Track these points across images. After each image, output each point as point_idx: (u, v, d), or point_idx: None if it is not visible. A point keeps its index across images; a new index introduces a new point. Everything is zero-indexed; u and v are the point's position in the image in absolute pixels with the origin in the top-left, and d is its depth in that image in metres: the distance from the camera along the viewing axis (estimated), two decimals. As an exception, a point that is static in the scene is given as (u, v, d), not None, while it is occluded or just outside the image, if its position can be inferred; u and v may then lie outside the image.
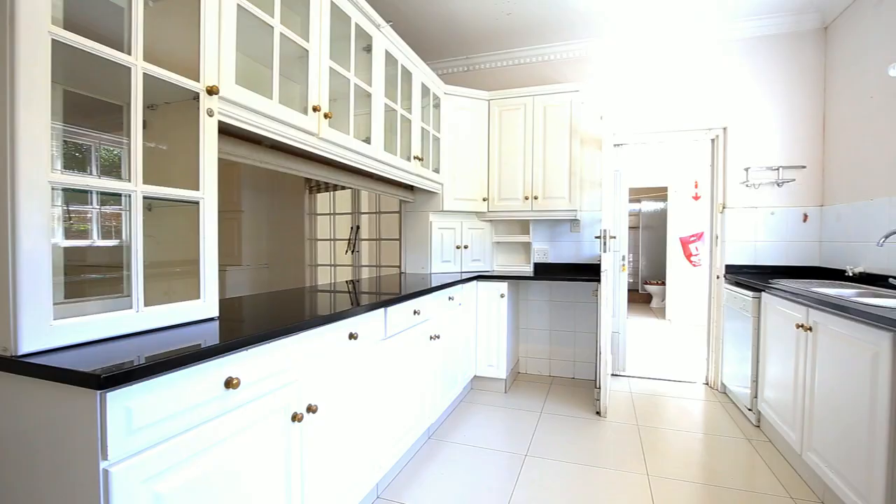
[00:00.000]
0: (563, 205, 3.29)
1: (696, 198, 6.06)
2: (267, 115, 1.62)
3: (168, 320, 1.23)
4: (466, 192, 3.41)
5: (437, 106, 3.25)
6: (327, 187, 4.18)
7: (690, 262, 6.05)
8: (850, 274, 2.66)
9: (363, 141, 2.26)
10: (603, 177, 2.85)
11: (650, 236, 8.16)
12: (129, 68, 1.13)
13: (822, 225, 3.11)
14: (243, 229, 4.33)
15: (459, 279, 2.93)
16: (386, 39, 2.44)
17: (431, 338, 2.41)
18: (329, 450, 1.54)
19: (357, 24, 2.16)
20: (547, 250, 3.65)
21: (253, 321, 1.53)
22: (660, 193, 7.46)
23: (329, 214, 4.27)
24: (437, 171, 3.22)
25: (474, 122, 3.43)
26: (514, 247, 3.71)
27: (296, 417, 1.35)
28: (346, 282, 2.99)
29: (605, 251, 2.70)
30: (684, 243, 6.14)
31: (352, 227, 4.11)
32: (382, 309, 1.89)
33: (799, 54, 3.16)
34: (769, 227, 3.22)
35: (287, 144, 1.82)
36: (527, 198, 3.36)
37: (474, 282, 3.18)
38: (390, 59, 2.52)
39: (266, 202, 4.52)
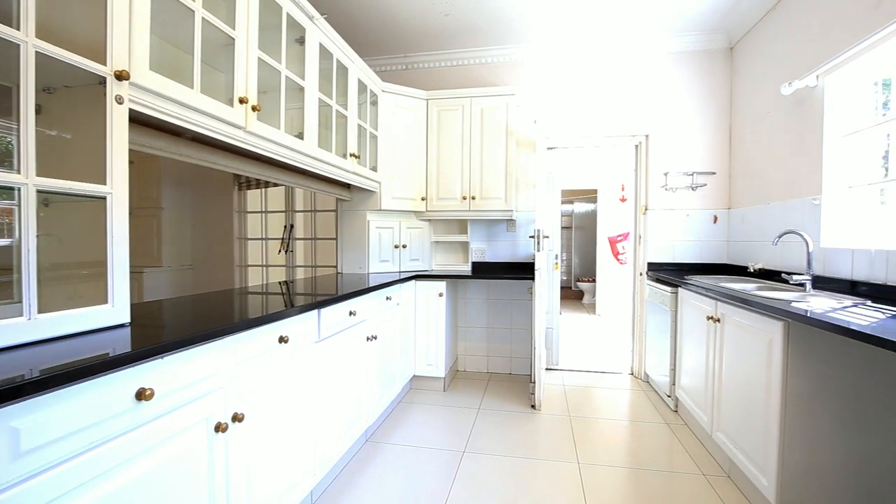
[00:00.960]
0: (499, 205, 3.37)
1: (623, 200, 6.46)
2: (187, 105, 1.51)
3: (70, 328, 1.11)
4: (405, 192, 3.39)
5: (374, 103, 3.20)
6: (258, 184, 3.99)
7: (618, 260, 6.44)
8: (752, 270, 2.96)
9: (295, 136, 2.18)
10: (537, 178, 2.95)
11: (582, 236, 8.59)
12: (19, 45, 1.00)
13: (729, 226, 3.44)
14: (164, 228, 4.02)
15: (398, 279, 2.91)
16: (320, 32, 2.36)
17: (368, 339, 2.37)
18: (258, 459, 1.46)
19: (289, 14, 2.08)
20: (484, 249, 3.73)
21: (172, 327, 1.42)
22: (590, 195, 7.88)
23: (260, 212, 4.08)
24: (374, 169, 3.17)
25: (413, 121, 3.42)
26: (452, 246, 3.74)
27: (220, 427, 1.26)
28: (279, 283, 2.87)
29: (538, 250, 2.80)
30: (612, 242, 6.52)
31: (285, 226, 3.94)
32: (316, 310, 1.83)
33: (711, 70, 3.47)
34: (685, 227, 3.50)
35: (211, 138, 1.70)
36: (465, 198, 3.41)
37: (413, 281, 3.17)
38: (325, 53, 2.45)
39: (190, 198, 4.22)
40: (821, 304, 1.76)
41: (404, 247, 3.50)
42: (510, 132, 3.39)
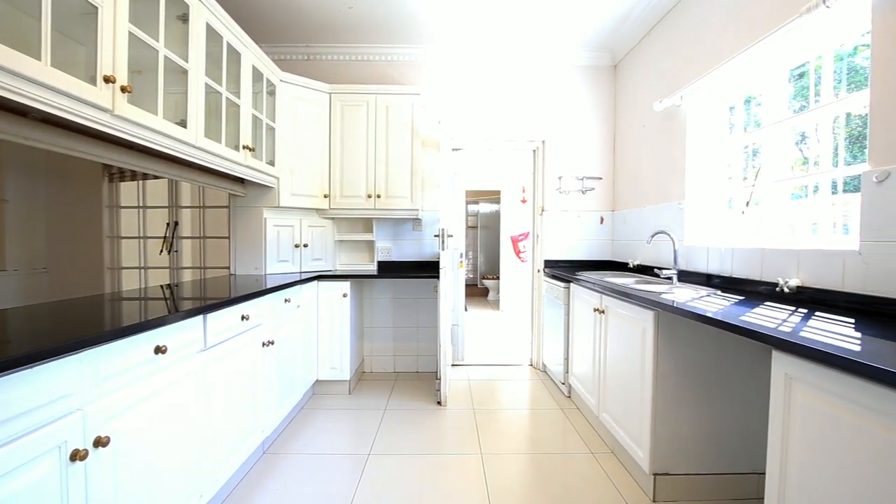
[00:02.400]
0: (405, 204, 3.37)
1: (524, 201, 6.83)
2: (34, 80, 1.28)
3: None
4: (306, 188, 3.23)
5: (272, 93, 3.01)
6: (134, 176, 3.53)
7: (519, 258, 6.81)
8: (632, 266, 3.31)
9: (177, 124, 1.96)
10: (441, 178, 3.00)
11: (487, 235, 8.93)
12: None
13: (613, 226, 3.80)
14: (7, 224, 3.38)
15: (298, 280, 2.77)
16: (207, 11, 2.15)
17: (264, 344, 2.22)
18: (129, 486, 1.29)
19: (167, -13, 1.86)
20: (390, 248, 3.70)
21: (16, 341, 1.19)
22: (494, 196, 8.22)
23: (137, 207, 3.61)
24: (271, 163, 2.98)
25: (315, 114, 3.28)
26: (357, 245, 3.66)
27: (77, 455, 1.09)
28: (161, 286, 2.56)
29: (443, 249, 2.85)
30: (514, 241, 6.87)
31: (168, 223, 3.54)
32: (201, 316, 1.67)
33: (599, 84, 3.80)
34: (577, 227, 3.80)
35: (68, 120, 1.46)
36: (370, 196, 3.35)
37: (315, 282, 3.04)
38: (213, 35, 2.24)
39: (43, 190, 3.60)
40: (683, 295, 2.02)
41: (305, 246, 3.34)
42: (416, 131, 3.40)
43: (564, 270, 3.44)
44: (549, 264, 3.76)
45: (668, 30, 2.95)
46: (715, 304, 1.76)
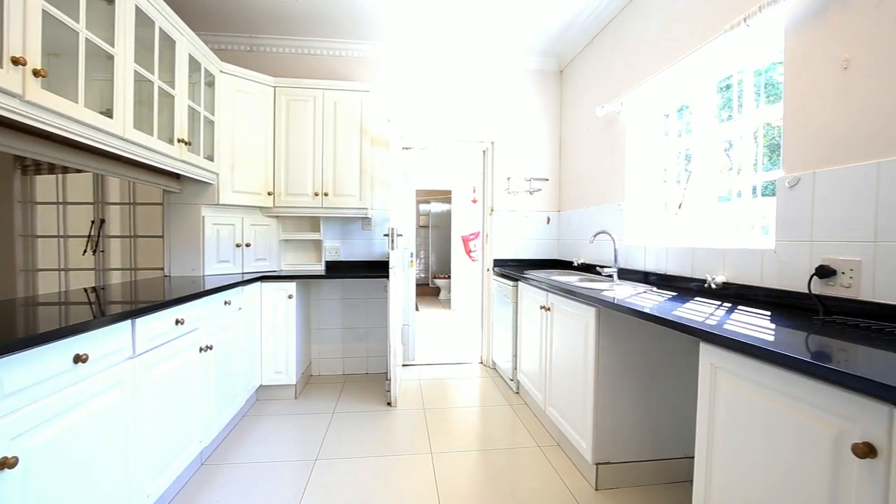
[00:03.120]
0: (354, 203, 3.30)
1: (475, 201, 6.92)
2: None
3: None
4: (248, 185, 3.09)
5: (210, 84, 2.85)
6: (53, 168, 3.22)
7: (470, 257, 6.88)
8: (576, 264, 3.43)
9: (102, 113, 1.80)
10: (391, 177, 2.97)
11: (438, 235, 8.96)
12: None
13: (559, 226, 3.93)
14: None
15: (240, 280, 2.64)
16: (135, -8, 2.00)
17: (202, 349, 2.10)
18: (42, 512, 1.17)
19: (88, -36, 1.71)
20: (339, 248, 3.62)
21: None
22: (445, 196, 8.26)
23: (57, 203, 3.30)
24: (210, 158, 2.82)
25: (258, 108, 3.14)
26: (304, 245, 3.55)
27: (-23, 480, 0.98)
28: (85, 290, 2.35)
29: (393, 248, 2.82)
30: (465, 241, 6.94)
31: (93, 221, 3.27)
32: (129, 321, 1.55)
33: (547, 88, 3.91)
34: (525, 227, 3.89)
35: (-35, 104, 1.31)
36: (317, 194, 3.25)
37: (258, 283, 2.91)
38: (143, 19, 2.08)
39: (-58, 184, 3.21)
40: (623, 292, 2.11)
41: (248, 245, 3.20)
42: (365, 129, 3.34)
43: (513, 269, 3.51)
44: (499, 263, 3.83)
45: (609, 39, 3.08)
46: (651, 300, 1.86)
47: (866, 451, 0.82)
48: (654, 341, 2.01)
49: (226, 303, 2.42)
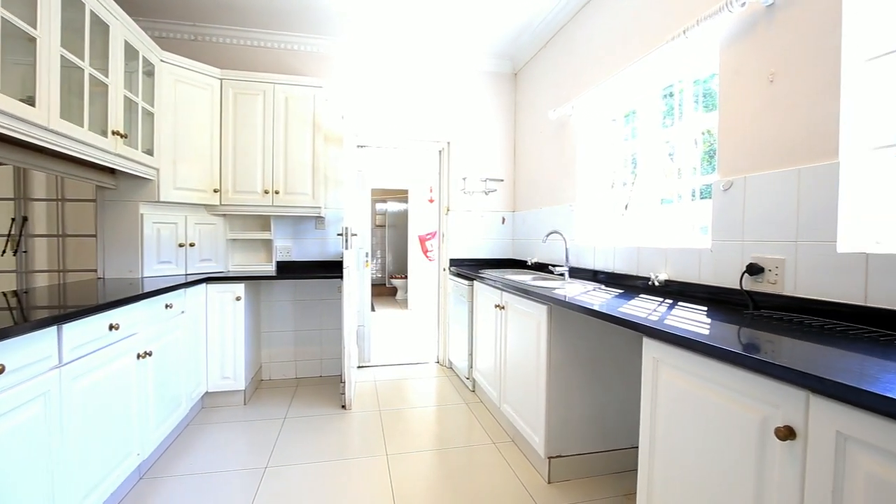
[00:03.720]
0: (306, 201, 3.21)
1: (431, 201, 6.92)
2: None
3: None
4: (192, 182, 2.93)
5: (150, 74, 2.68)
6: (-35, 160, 2.91)
7: (427, 257, 6.88)
8: (530, 263, 3.51)
9: (22, 101, 1.65)
10: (346, 175, 2.91)
11: (395, 234, 8.90)
12: None
13: (514, 226, 4.00)
14: None
15: (183, 283, 2.50)
16: (62, -29, 1.85)
17: (140, 356, 1.97)
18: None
19: (5, -64, 1.56)
20: (290, 248, 3.51)
21: None
22: (402, 195, 8.21)
23: (-30, 200, 2.99)
24: (149, 152, 2.65)
25: (203, 101, 2.98)
26: (253, 244, 3.41)
27: None
28: (4, 294, 2.14)
29: (347, 248, 2.77)
30: (422, 241, 6.93)
31: (14, 219, 2.99)
32: (54, 327, 1.43)
33: (502, 90, 3.97)
34: (481, 227, 3.94)
35: None
36: (267, 192, 3.14)
37: (203, 284, 2.77)
38: (72, 0, 1.93)
39: None
40: (573, 290, 2.18)
41: (192, 245, 3.03)
42: (318, 126, 3.26)
43: (469, 269, 3.55)
44: (455, 263, 3.85)
45: (560, 45, 3.18)
46: (599, 297, 1.93)
47: (787, 433, 0.89)
48: (603, 337, 2.09)
49: (167, 306, 2.28)
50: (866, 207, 1.36)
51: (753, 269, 1.61)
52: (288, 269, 3.44)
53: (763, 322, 1.38)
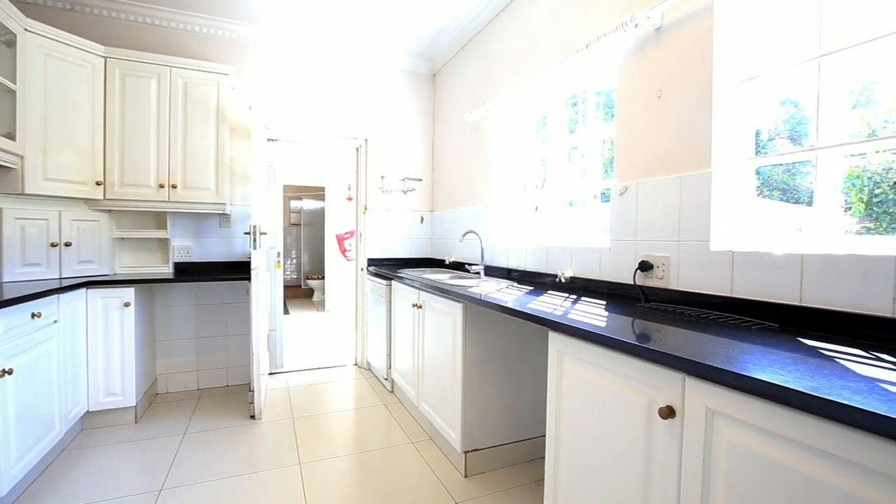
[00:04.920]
0: (209, 197, 2.96)
1: (350, 199, 6.75)
2: None
3: None
4: (68, 172, 2.56)
5: (10, 45, 2.30)
6: None
7: (345, 257, 6.70)
8: (448, 262, 3.56)
9: None
10: (254, 170, 2.73)
11: (311, 233, 8.56)
12: None
13: (432, 226, 4.04)
14: None
15: (56, 287, 2.18)
16: None
17: (-3, 374, 1.68)
18: None
19: None
20: (191, 248, 3.21)
21: None
22: (319, 192, 7.92)
23: None
24: (11, 137, 2.28)
25: (82, 80, 2.62)
26: (146, 244, 3.07)
27: None
28: None
29: (255, 248, 2.60)
30: (340, 240, 6.74)
31: None
32: None
33: (421, 90, 3.98)
34: (399, 226, 3.92)
35: None
36: (162, 186, 2.84)
37: (83, 289, 2.44)
38: None
39: None
40: (488, 288, 2.25)
41: (68, 245, 2.65)
42: (223, 116, 3.02)
43: (388, 268, 3.51)
44: (373, 262, 3.79)
45: (477, 49, 3.26)
46: (511, 294, 2.01)
47: (668, 412, 0.99)
48: (515, 332, 2.18)
49: (34, 315, 1.97)
50: (732, 211, 1.56)
51: (644, 266, 1.78)
52: (188, 271, 3.15)
53: (652, 313, 1.53)
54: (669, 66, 1.72)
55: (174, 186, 2.87)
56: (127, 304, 2.56)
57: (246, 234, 2.90)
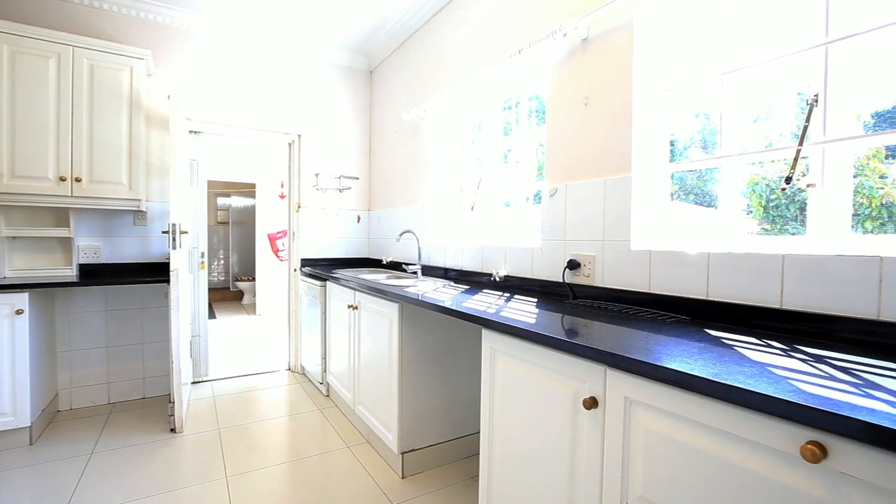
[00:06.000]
0: (121, 192, 2.70)
1: (282, 196, 6.46)
2: None
3: None
4: (-57, 161, 2.23)
5: None
6: None
7: (278, 257, 6.41)
8: (385, 262, 3.52)
9: None
10: (174, 163, 2.53)
11: (241, 232, 8.10)
12: None
13: (370, 225, 3.97)
14: None
15: (-74, 294, 1.89)
16: None
17: None
18: None
19: None
20: (99, 248, 2.91)
21: None
22: (249, 189, 7.52)
23: None
24: None
25: (-40, 57, 2.29)
26: (43, 244, 2.74)
27: None
28: None
29: (174, 248, 2.41)
30: (272, 239, 6.44)
31: None
32: None
33: (357, 86, 3.90)
34: (335, 225, 3.81)
35: None
36: (63, 179, 2.55)
37: (-37, 296, 2.13)
38: None
39: None
40: (425, 287, 2.25)
41: (-56, 245, 2.31)
42: (137, 104, 2.77)
43: (323, 269, 3.41)
44: (308, 263, 3.66)
45: (415, 48, 3.25)
46: (447, 294, 2.02)
47: (592, 403, 1.04)
48: (451, 331, 2.20)
49: None
50: (650, 213, 1.68)
51: (573, 265, 1.87)
52: (96, 274, 2.86)
53: (579, 309, 1.61)
54: (595, 75, 1.82)
55: (78, 180, 2.58)
56: (19, 312, 2.27)
57: (164, 233, 2.68)
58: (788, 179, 1.30)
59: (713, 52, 1.55)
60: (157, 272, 2.95)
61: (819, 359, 0.96)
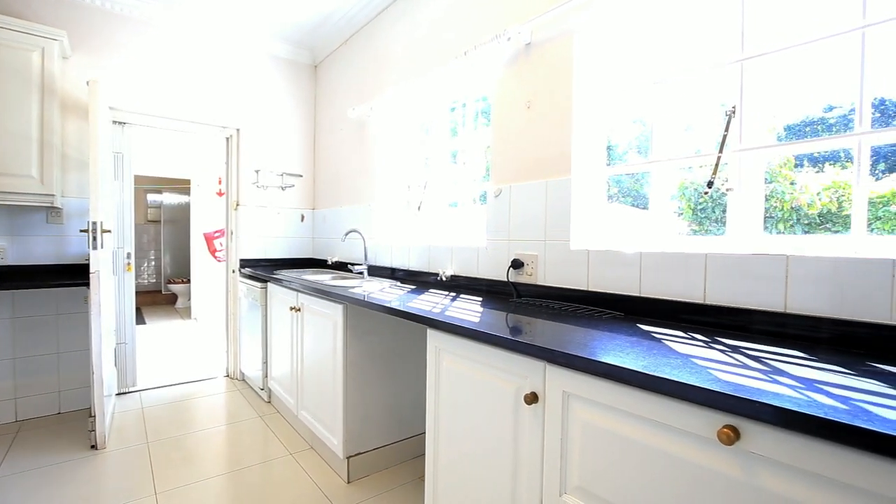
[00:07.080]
0: (30, 186, 2.44)
1: (221, 194, 6.12)
2: None
3: None
4: None
5: None
6: None
7: (216, 257, 6.07)
8: (330, 262, 3.43)
9: None
10: (92, 155, 2.32)
11: (175, 231, 7.60)
12: None
13: (314, 224, 3.86)
14: None
15: None
16: None
17: None
18: None
19: None
20: (5, 248, 2.61)
21: None
22: (184, 186, 7.07)
23: None
24: None
25: None
26: (-63, 243, 2.43)
27: None
28: None
29: (95, 248, 2.21)
30: (209, 239, 6.09)
31: None
32: None
33: (300, 81, 3.77)
34: (277, 224, 3.67)
35: None
36: (-42, 171, 2.28)
37: None
38: None
39: None
40: (371, 288, 2.22)
41: None
42: (50, 90, 2.52)
43: (264, 270, 3.26)
44: (248, 264, 3.50)
45: (362, 44, 3.19)
46: (393, 294, 2.01)
47: (532, 398, 1.07)
48: (397, 332, 2.19)
49: None
50: (588, 214, 1.76)
51: (517, 264, 1.91)
52: (1, 277, 2.56)
53: (522, 307, 1.65)
54: (538, 79, 1.87)
55: (-22, 172, 2.31)
56: None
57: (83, 231, 2.45)
58: (710, 184, 1.40)
59: (648, 62, 1.64)
60: (76, 275, 2.69)
61: (735, 349, 1.04)
